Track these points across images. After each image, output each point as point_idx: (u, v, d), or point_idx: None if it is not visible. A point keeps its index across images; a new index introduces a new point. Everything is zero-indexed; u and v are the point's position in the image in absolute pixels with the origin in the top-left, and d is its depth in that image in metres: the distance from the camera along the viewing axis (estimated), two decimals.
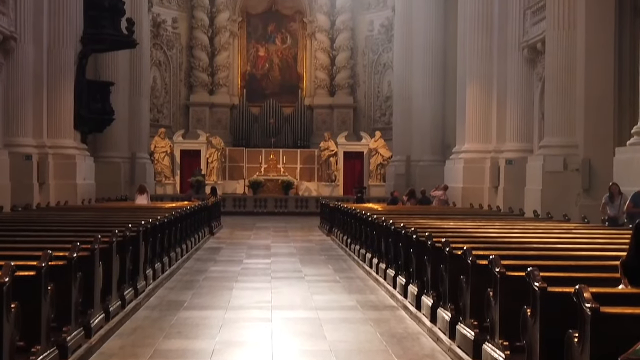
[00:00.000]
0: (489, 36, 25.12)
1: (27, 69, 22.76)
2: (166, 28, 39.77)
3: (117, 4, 26.72)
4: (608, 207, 15.32)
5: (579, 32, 19.28)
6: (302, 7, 41.66)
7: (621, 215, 14.93)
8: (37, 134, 23.23)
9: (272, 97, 41.41)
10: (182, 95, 41.13)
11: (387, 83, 39.89)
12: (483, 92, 25.48)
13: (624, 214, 14.79)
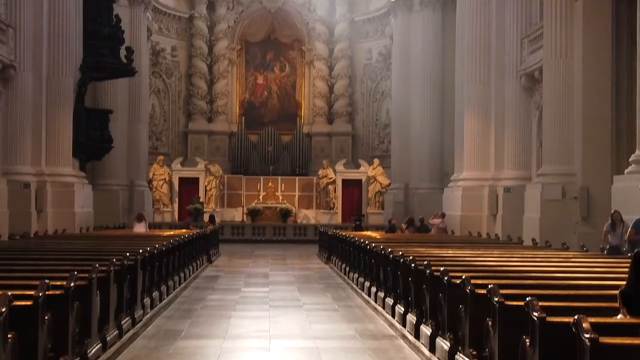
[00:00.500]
0: (487, 64, 25.23)
1: (26, 97, 22.82)
2: (165, 56, 39.95)
3: (116, 33, 26.86)
4: (610, 235, 15.26)
5: (576, 61, 19.37)
6: (301, 35, 41.88)
7: (623, 243, 14.87)
8: (36, 162, 23.24)
9: (271, 124, 41.49)
10: (180, 123, 41.21)
11: (385, 111, 40.00)
12: (481, 120, 25.54)
13: (625, 242, 14.74)
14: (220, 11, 41.15)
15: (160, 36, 39.23)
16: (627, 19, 18.99)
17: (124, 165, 32.32)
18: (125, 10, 31.99)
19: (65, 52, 24.07)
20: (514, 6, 23.80)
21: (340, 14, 41.10)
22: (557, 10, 19.69)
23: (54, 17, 23.76)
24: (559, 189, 19.44)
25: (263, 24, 41.79)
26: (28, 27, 22.80)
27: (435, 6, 33.46)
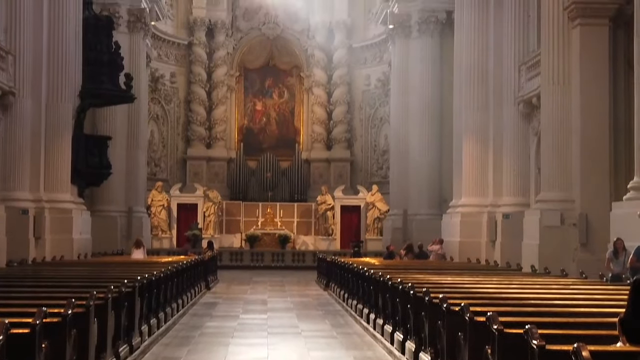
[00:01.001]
0: (485, 91, 25.32)
1: (25, 123, 22.85)
2: (164, 82, 40.08)
3: (115, 60, 26.95)
4: (612, 263, 15.20)
5: (574, 87, 19.44)
6: (299, 62, 42.06)
7: (625, 271, 14.81)
8: (34, 188, 23.22)
9: (269, 150, 41.55)
10: (179, 149, 41.26)
11: (383, 137, 40.06)
12: (479, 146, 25.59)
13: (627, 270, 14.69)
14: (219, 38, 41.34)
15: (159, 63, 39.38)
16: (624, 45, 19.11)
17: (122, 192, 32.30)
18: (125, 37, 32.11)
19: (65, 78, 24.13)
20: (512, 33, 23.92)
21: (339, 40, 41.31)
22: (554, 37, 19.80)
23: (53, 44, 23.84)
24: (558, 216, 19.43)
25: (262, 50, 41.98)
26: (28, 54, 22.87)
27: (433, 33, 33.63)
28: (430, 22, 33.55)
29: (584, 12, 19.17)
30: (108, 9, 31.62)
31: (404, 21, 34.35)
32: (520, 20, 23.73)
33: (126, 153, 32.59)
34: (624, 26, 19.17)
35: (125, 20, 32.87)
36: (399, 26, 34.48)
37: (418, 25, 33.87)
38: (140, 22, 33.39)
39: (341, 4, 41.36)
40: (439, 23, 33.50)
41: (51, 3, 23.87)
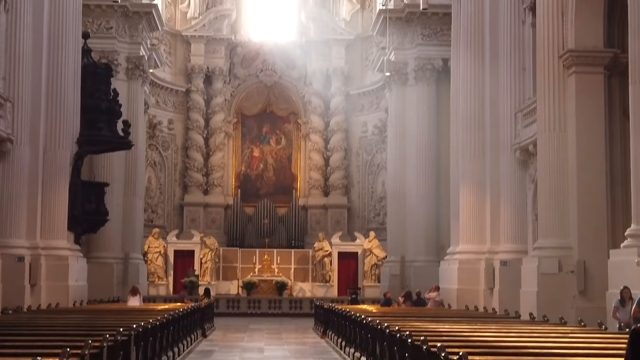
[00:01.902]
0: (481, 138, 25.42)
1: (23, 170, 22.86)
2: (162, 129, 40.22)
3: (114, 107, 27.06)
4: (619, 312, 15.06)
5: (570, 135, 19.51)
6: (297, 108, 42.28)
7: (632, 320, 14.66)
8: (31, 235, 23.16)
9: (267, 197, 41.57)
10: (176, 196, 41.27)
11: (381, 183, 40.12)
12: (476, 193, 25.61)
13: (631, 319, 14.53)
14: (217, 85, 41.61)
15: (157, 109, 39.57)
16: (620, 93, 19.23)
17: (119, 238, 32.24)
18: (123, 84, 32.34)
19: (63, 125, 24.21)
20: (507, 81, 24.09)
21: (336, 87, 41.60)
22: (549, 85, 19.92)
23: (52, 91, 23.97)
24: (556, 263, 19.36)
25: (259, 97, 42.23)
26: (26, 101, 22.97)
27: (430, 80, 33.88)
28: (426, 70, 33.83)
29: (579, 60, 19.32)
30: (107, 57, 31.89)
31: (400, 68, 34.64)
32: (515, 68, 23.91)
33: (123, 199, 32.59)
34: (619, 75, 19.32)
35: (124, 68, 33.14)
36: (396, 73, 34.75)
37: (414, 73, 34.15)
38: (138, 69, 33.65)
39: (338, 51, 41.73)
40: (435, 70, 33.77)
41: (50, 51, 24.05)
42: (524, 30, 23.86)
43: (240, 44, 42.12)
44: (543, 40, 20.12)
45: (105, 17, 32.49)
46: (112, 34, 32.75)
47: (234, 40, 42.04)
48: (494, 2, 25.05)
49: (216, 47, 41.66)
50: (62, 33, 24.30)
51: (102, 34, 32.29)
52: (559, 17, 19.83)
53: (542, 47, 20.13)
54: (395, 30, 34.80)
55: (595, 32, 19.45)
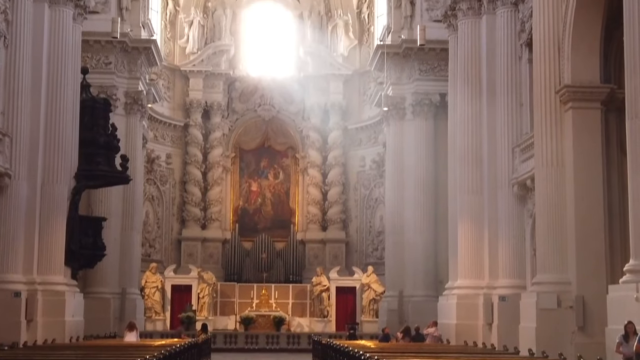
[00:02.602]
0: (479, 173, 25.44)
1: (20, 205, 22.84)
2: (160, 163, 40.24)
3: (112, 141, 27.12)
4: (622, 347, 14.96)
5: (567, 170, 19.54)
6: (295, 143, 42.36)
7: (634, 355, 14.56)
8: (27, 271, 23.07)
9: (265, 231, 41.50)
10: (174, 230, 41.18)
11: (379, 218, 40.08)
12: (474, 228, 25.57)
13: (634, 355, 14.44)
14: (215, 119, 41.72)
15: (155, 144, 39.62)
16: (617, 129, 19.32)
17: (116, 273, 32.11)
18: (122, 118, 32.43)
19: (61, 160, 24.24)
20: (505, 116, 24.20)
21: (334, 122, 41.74)
22: (547, 120, 19.99)
23: (50, 126, 24.03)
24: (554, 298, 19.29)
25: (257, 132, 42.33)
26: (24, 136, 23.02)
27: (427, 115, 33.98)
28: (424, 105, 33.95)
29: (576, 95, 19.42)
30: (106, 92, 31.99)
31: (398, 103, 34.76)
32: (513, 103, 24.05)
33: (121, 234, 32.52)
34: (615, 110, 19.42)
35: (123, 103, 33.24)
36: (394, 108, 34.87)
37: (412, 108, 34.26)
38: (137, 104, 33.76)
39: (336, 86, 41.92)
40: (432, 105, 33.90)
41: (49, 86, 24.17)
42: (520, 66, 24.03)
43: (239, 78, 42.32)
44: (540, 76, 20.23)
45: (104, 52, 32.64)
46: (111, 69, 32.88)
47: (233, 75, 42.24)
48: (490, 38, 25.23)
49: (215, 82, 41.84)
50: (61, 69, 24.44)
51: (101, 69, 32.42)
52: (555, 53, 19.96)
53: (539, 82, 20.24)
54: (393, 65, 34.97)
55: (592, 67, 19.57)
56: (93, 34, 30.95)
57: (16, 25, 22.93)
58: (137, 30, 33.96)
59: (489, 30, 25.28)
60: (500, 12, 24.85)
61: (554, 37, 19.99)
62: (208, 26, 42.49)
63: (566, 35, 19.63)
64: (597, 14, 19.38)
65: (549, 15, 20.15)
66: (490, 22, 25.26)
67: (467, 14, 26.04)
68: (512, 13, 24.43)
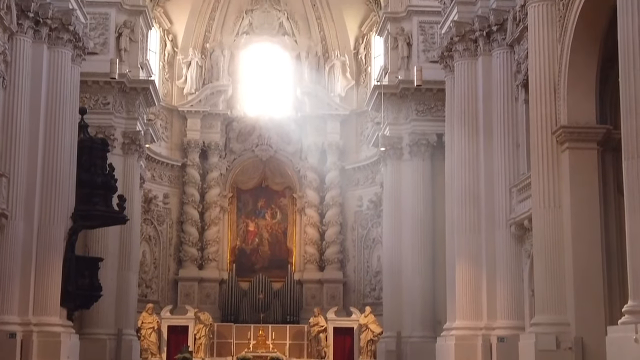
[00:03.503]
0: (477, 213, 25.39)
1: (17, 246, 22.78)
2: (157, 203, 40.21)
3: (109, 182, 27.12)
4: None
5: (565, 210, 19.53)
6: (292, 183, 42.39)
7: None
8: (23, 311, 22.95)
9: (262, 271, 41.35)
10: (171, 270, 41.02)
11: (376, 258, 39.97)
12: (472, 268, 25.46)
13: None
14: (213, 159, 41.79)
15: (152, 184, 39.62)
16: (613, 169, 19.35)
17: (112, 314, 31.89)
18: (119, 158, 32.45)
19: (58, 200, 24.23)
20: (502, 156, 24.23)
21: (331, 162, 41.80)
22: (543, 161, 20.03)
23: (48, 167, 24.05)
24: (553, 339, 19.16)
25: (255, 171, 42.37)
26: (22, 176, 23.04)
27: (425, 155, 34.04)
28: (421, 145, 34.02)
29: (572, 136, 19.48)
30: (103, 132, 32.02)
31: (395, 143, 34.84)
32: (509, 144, 24.10)
33: (117, 274, 32.36)
34: (612, 150, 19.47)
35: (120, 143, 33.28)
36: (391, 148, 34.93)
37: (409, 148, 34.33)
38: (134, 144, 33.80)
39: (333, 126, 42.06)
40: (429, 145, 33.97)
41: (47, 127, 24.23)
42: (517, 107, 24.12)
43: (236, 118, 42.47)
44: (536, 117, 20.32)
45: (102, 93, 32.75)
46: (109, 109, 32.98)
47: (230, 115, 42.39)
48: (486, 79, 25.37)
49: (212, 122, 41.98)
50: (59, 109, 24.54)
51: (99, 109, 32.49)
52: (551, 94, 20.07)
53: (536, 123, 20.32)
54: (390, 105, 35.13)
55: (588, 108, 19.68)
56: (91, 74, 31.07)
57: (15, 66, 23.08)
58: (135, 71, 34.13)
59: (485, 71, 25.42)
60: (496, 54, 25.01)
61: (550, 78, 20.12)
62: (206, 67, 42.75)
63: (562, 76, 19.76)
64: (593, 55, 19.54)
65: (544, 57, 20.30)
66: (487, 63, 25.40)
67: (463, 55, 26.20)
68: (508, 54, 24.59)
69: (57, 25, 24.52)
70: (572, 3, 19.27)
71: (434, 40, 33.74)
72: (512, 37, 23.93)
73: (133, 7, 34.38)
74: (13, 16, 22.82)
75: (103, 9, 33.25)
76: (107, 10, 33.46)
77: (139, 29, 34.50)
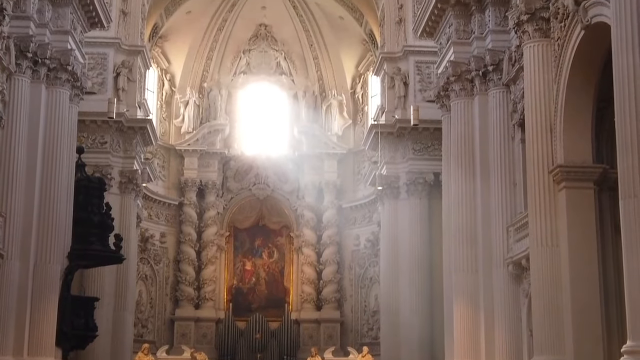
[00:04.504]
0: (474, 252, 25.30)
1: (12, 285, 22.61)
2: (154, 242, 40.13)
3: (106, 221, 27.02)
4: None
5: (563, 250, 19.46)
6: (289, 222, 42.37)
7: None
8: (18, 352, 22.70)
9: (259, 311, 41.19)
10: (167, 310, 40.83)
11: (374, 297, 39.83)
12: (470, 308, 25.30)
13: None
14: (210, 198, 41.80)
15: (149, 223, 39.57)
16: (610, 209, 19.33)
17: (107, 354, 31.65)
18: (116, 197, 32.44)
19: (54, 240, 24.10)
20: (499, 195, 24.21)
21: (328, 201, 41.84)
22: (540, 200, 20.00)
23: (44, 206, 23.95)
24: None
25: (252, 210, 42.39)
26: (18, 215, 22.93)
27: (422, 194, 34.06)
28: (418, 184, 34.06)
29: (569, 175, 19.47)
30: (101, 171, 32.03)
31: (392, 182, 34.87)
32: (506, 183, 24.08)
33: (113, 315, 32.18)
34: (608, 190, 19.46)
35: (117, 182, 33.29)
36: (388, 187, 34.95)
37: (406, 187, 34.36)
38: (132, 183, 33.81)
39: (330, 165, 42.19)
40: (426, 184, 34.01)
41: (44, 166, 24.19)
42: (513, 146, 24.17)
43: (234, 157, 42.59)
44: (533, 156, 20.33)
45: (100, 132, 32.83)
46: (107, 148, 33.04)
47: (227, 154, 42.51)
48: (483, 119, 25.44)
49: (209, 161, 42.08)
50: (56, 149, 24.52)
51: (96, 148, 32.57)
52: (547, 133, 20.10)
53: (532, 162, 20.32)
54: (387, 144, 35.23)
55: (584, 147, 19.70)
56: (89, 114, 31.18)
57: (13, 106, 23.11)
58: (133, 110, 34.25)
59: (481, 111, 25.50)
60: (492, 93, 25.10)
61: (546, 117, 20.17)
62: (203, 106, 42.98)
63: (558, 115, 19.82)
64: (588, 94, 19.62)
65: (540, 96, 20.38)
66: (483, 103, 25.49)
67: (459, 94, 26.30)
68: (504, 94, 24.68)
69: (55, 65, 24.60)
70: (567, 43, 19.40)
71: (430, 79, 33.99)
72: (508, 77, 24.06)
73: (131, 47, 34.61)
74: (12, 56, 22.92)
75: (101, 49, 33.45)
76: (105, 50, 33.68)
77: (137, 69, 34.69)
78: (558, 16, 19.80)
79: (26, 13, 23.63)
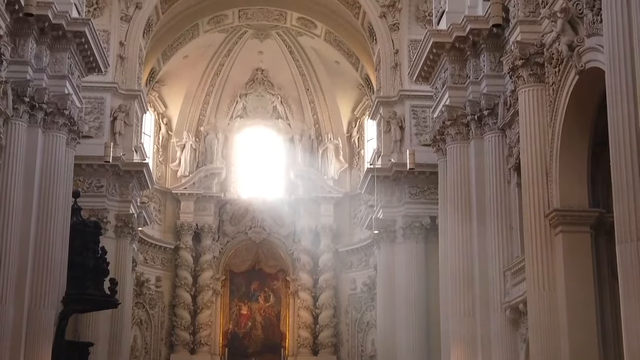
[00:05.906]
0: (471, 296, 25.19)
1: (6, 330, 22.39)
2: (149, 287, 39.91)
3: (101, 265, 26.90)
4: None
5: (559, 293, 19.40)
6: (285, 265, 42.24)
7: None
8: None
9: (255, 356, 40.91)
10: (162, 355, 40.46)
11: (371, 341, 39.54)
12: (467, 352, 25.11)
13: None
14: (206, 242, 41.70)
15: (145, 267, 39.37)
16: (607, 253, 19.32)
17: None
18: (112, 241, 32.30)
19: (49, 284, 23.94)
20: (495, 239, 24.18)
21: (325, 245, 41.75)
22: (537, 244, 19.97)
23: (39, 251, 23.84)
24: None
25: (248, 254, 42.28)
26: (13, 259, 22.79)
27: (418, 238, 33.99)
28: (414, 228, 34.00)
29: (565, 219, 19.49)
30: (97, 215, 31.92)
31: (388, 226, 34.80)
32: (503, 227, 24.06)
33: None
34: (604, 234, 19.47)
35: (113, 226, 33.15)
36: (384, 231, 34.89)
37: (403, 231, 34.29)
38: (127, 227, 33.68)
39: (327, 209, 42.16)
40: (423, 228, 33.94)
41: (40, 210, 24.12)
42: (509, 190, 24.20)
43: (230, 201, 42.58)
44: (529, 200, 20.36)
45: (96, 176, 32.79)
46: (103, 192, 32.97)
47: (224, 198, 42.51)
48: (479, 163, 25.50)
49: (206, 205, 42.06)
50: (52, 193, 24.47)
51: (92, 192, 32.49)
52: (543, 177, 20.16)
53: (528, 206, 20.35)
54: (383, 188, 35.24)
55: (580, 191, 19.75)
56: (86, 157, 31.22)
57: (9, 150, 23.10)
58: (129, 154, 34.27)
59: (477, 155, 25.57)
60: (487, 137, 25.20)
61: (542, 161, 20.24)
62: (200, 150, 43.09)
63: (553, 159, 19.89)
64: (584, 138, 19.72)
65: (535, 141, 20.46)
66: (479, 147, 25.57)
67: (455, 138, 26.40)
68: (500, 138, 24.78)
69: (52, 110, 24.67)
70: (562, 88, 19.54)
71: (426, 123, 34.12)
72: (503, 121, 24.17)
73: (128, 91, 34.74)
74: (9, 101, 22.98)
75: (99, 93, 33.54)
76: (102, 95, 33.78)
77: (133, 113, 34.79)
78: (552, 61, 19.98)
79: (24, 58, 23.79)
